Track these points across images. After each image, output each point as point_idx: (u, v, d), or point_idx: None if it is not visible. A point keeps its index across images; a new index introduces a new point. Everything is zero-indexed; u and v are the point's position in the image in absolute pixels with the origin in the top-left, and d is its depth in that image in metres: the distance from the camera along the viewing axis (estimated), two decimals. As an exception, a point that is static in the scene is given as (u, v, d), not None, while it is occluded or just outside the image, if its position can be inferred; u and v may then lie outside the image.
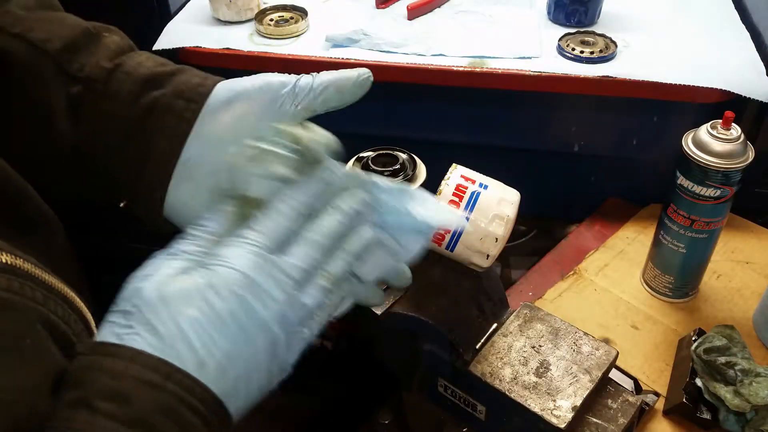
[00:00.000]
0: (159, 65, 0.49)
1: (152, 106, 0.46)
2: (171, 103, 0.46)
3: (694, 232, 0.81)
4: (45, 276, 0.38)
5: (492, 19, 1.09)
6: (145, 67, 0.48)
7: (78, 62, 0.48)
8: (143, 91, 0.47)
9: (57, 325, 0.37)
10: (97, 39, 0.50)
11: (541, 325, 0.63)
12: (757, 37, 1.03)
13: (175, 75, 0.48)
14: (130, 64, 0.48)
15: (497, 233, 0.55)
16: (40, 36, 0.47)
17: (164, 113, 0.46)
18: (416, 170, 0.57)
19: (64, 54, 0.47)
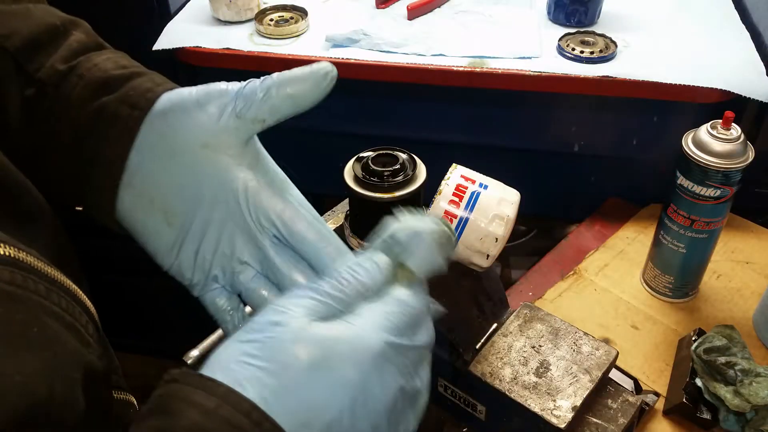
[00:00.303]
0: (117, 68, 0.47)
1: (100, 112, 0.45)
2: (117, 109, 0.44)
3: (694, 232, 0.81)
4: (47, 269, 0.38)
5: (492, 19, 1.09)
6: (100, 70, 0.46)
7: (37, 62, 0.46)
8: (94, 95, 0.45)
9: (62, 317, 0.37)
10: (60, 37, 0.48)
11: (541, 325, 0.63)
12: (757, 37, 1.03)
13: (129, 79, 0.46)
14: (85, 66, 0.47)
15: (497, 233, 0.55)
16: (1, 32, 0.46)
17: (110, 119, 0.44)
18: (416, 170, 0.56)
19: (23, 52, 0.46)
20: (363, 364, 0.33)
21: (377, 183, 0.55)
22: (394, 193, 0.55)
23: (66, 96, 0.45)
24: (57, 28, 0.48)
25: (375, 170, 0.55)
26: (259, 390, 0.32)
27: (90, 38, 0.50)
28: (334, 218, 0.66)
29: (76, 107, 0.45)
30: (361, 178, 0.55)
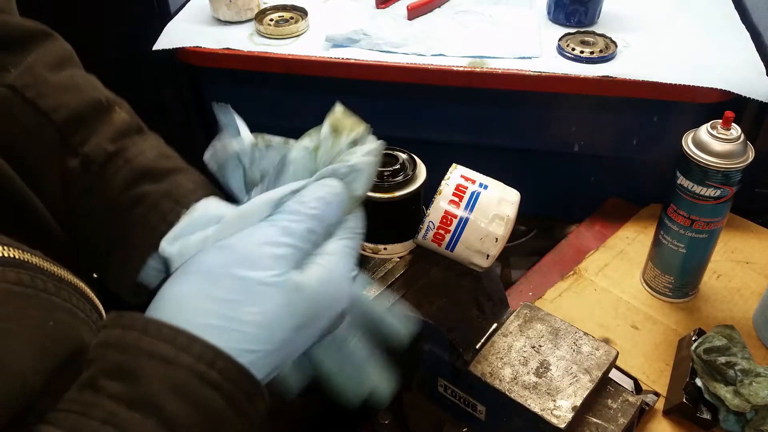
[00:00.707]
0: (161, 157, 0.50)
1: (141, 199, 0.47)
2: (159, 201, 0.47)
3: (694, 232, 0.81)
4: (54, 268, 0.38)
5: (492, 19, 1.09)
6: (145, 158, 0.49)
7: (81, 136, 0.48)
8: (138, 182, 0.48)
9: (75, 313, 0.38)
10: (106, 113, 0.50)
11: (541, 325, 0.63)
12: (757, 37, 1.03)
13: (172, 173, 0.49)
14: (132, 151, 0.49)
15: (497, 233, 0.55)
16: (50, 104, 0.48)
17: (150, 209, 0.47)
18: (416, 170, 0.56)
19: (69, 125, 0.48)
20: (337, 308, 0.38)
21: (377, 183, 0.55)
22: (394, 193, 0.55)
23: (110, 176, 0.48)
24: (102, 105, 0.50)
25: (375, 170, 0.55)
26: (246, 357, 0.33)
27: (133, 119, 0.52)
28: (334, 218, 0.66)
29: (117, 189, 0.47)
30: (361, 178, 0.55)
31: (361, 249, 0.60)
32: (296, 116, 1.12)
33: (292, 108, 1.11)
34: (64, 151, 0.47)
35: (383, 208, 0.56)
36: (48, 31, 0.52)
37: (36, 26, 0.51)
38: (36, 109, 0.47)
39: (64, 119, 0.48)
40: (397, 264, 0.61)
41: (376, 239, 0.59)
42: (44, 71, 0.49)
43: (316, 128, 0.45)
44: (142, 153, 0.49)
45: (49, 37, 0.51)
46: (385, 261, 0.61)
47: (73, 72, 0.52)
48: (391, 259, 0.61)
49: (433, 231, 0.55)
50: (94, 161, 0.48)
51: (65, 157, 0.47)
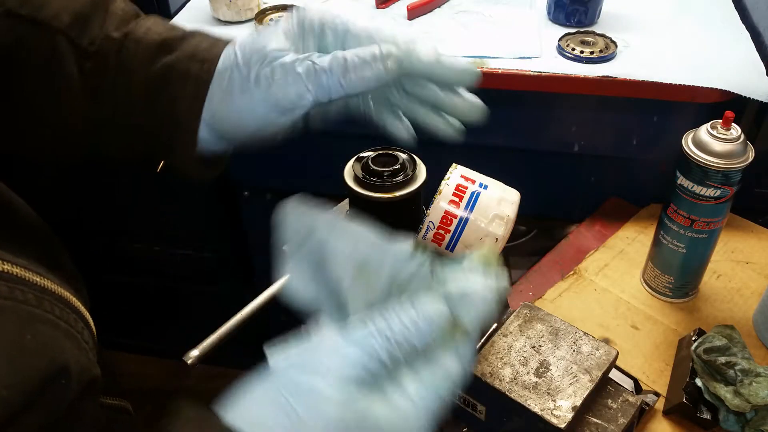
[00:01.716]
0: (168, 30, 0.50)
1: (167, 72, 0.47)
2: (187, 66, 0.47)
3: (694, 232, 0.81)
4: (36, 278, 0.37)
5: (492, 19, 1.09)
6: (155, 33, 0.49)
7: (88, 36, 0.48)
8: (156, 57, 0.47)
9: (57, 324, 0.37)
10: (103, 6, 0.50)
11: (541, 325, 0.63)
12: (757, 37, 1.03)
13: (185, 39, 0.49)
14: (139, 31, 0.49)
15: (497, 233, 0.55)
16: (49, 13, 0.47)
17: (181, 77, 0.47)
18: (416, 170, 0.56)
19: (74, 28, 0.47)
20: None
21: (377, 183, 0.55)
22: (394, 193, 0.55)
23: (128, 62, 0.47)
24: (98, 1, 0.50)
25: (375, 170, 0.55)
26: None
27: (130, 6, 0.52)
28: (334, 218, 0.66)
29: (139, 71, 0.47)
30: (361, 178, 0.55)
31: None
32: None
33: (292, 108, 1.11)
34: (77, 55, 0.47)
35: (383, 208, 0.56)
36: None
37: None
38: (35, 22, 0.47)
39: (67, 24, 0.47)
40: (397, 264, 0.61)
41: (376, 239, 0.59)
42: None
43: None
44: (150, 29, 0.49)
45: None
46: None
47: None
48: (391, 259, 0.61)
49: (433, 231, 0.56)
50: (108, 54, 0.47)
51: (80, 60, 0.47)
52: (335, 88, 0.45)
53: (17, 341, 0.34)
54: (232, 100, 0.46)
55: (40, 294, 0.37)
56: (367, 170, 0.56)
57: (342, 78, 0.45)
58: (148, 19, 0.51)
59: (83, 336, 0.40)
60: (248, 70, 0.45)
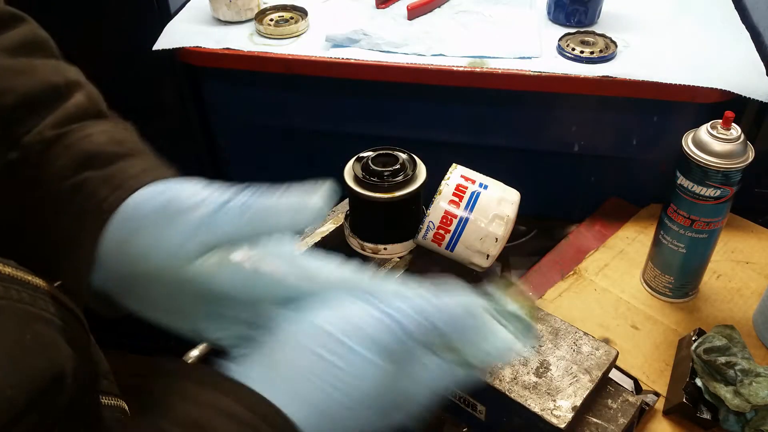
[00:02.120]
0: (110, 143, 0.43)
1: (80, 188, 0.41)
2: (97, 188, 0.41)
3: (694, 232, 0.81)
4: (29, 277, 0.37)
5: (492, 19, 1.09)
6: (90, 143, 0.43)
7: (27, 124, 0.43)
8: (78, 169, 0.42)
9: (53, 321, 0.37)
10: (60, 99, 0.44)
11: (541, 325, 0.63)
12: (757, 37, 1.03)
13: (119, 159, 0.43)
14: (76, 136, 0.43)
15: (497, 233, 0.55)
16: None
17: (88, 197, 0.41)
18: (416, 170, 0.56)
19: (14, 112, 0.42)
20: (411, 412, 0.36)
21: (377, 183, 0.55)
22: (394, 193, 0.55)
23: (48, 165, 0.42)
24: (58, 89, 0.45)
25: (375, 170, 0.55)
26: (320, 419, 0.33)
27: (91, 103, 0.46)
28: (334, 218, 0.66)
29: (57, 179, 0.42)
30: (361, 178, 0.55)
31: (361, 249, 0.60)
32: (296, 116, 1.12)
33: (292, 108, 1.11)
34: (7, 142, 0.42)
35: (383, 208, 0.56)
36: (19, 15, 0.47)
37: (5, 10, 0.47)
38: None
39: (9, 105, 0.42)
40: (397, 264, 0.61)
41: (376, 239, 0.59)
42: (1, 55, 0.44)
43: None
44: (88, 137, 0.43)
45: (19, 22, 0.47)
46: (385, 261, 0.61)
47: (36, 57, 0.47)
48: (391, 259, 0.61)
49: (433, 231, 0.56)
50: (32, 150, 0.42)
51: (8, 149, 0.42)
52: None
53: (19, 340, 0.33)
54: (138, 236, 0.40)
55: (33, 292, 0.37)
56: (367, 170, 0.56)
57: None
58: (98, 125, 0.45)
59: (78, 333, 0.40)
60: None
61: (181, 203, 0.39)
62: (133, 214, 0.40)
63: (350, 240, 0.60)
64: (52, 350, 0.35)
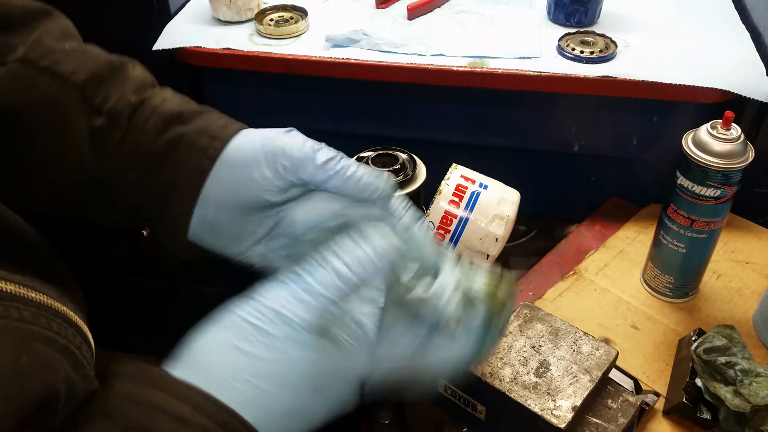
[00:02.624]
0: (184, 103, 0.50)
1: (177, 141, 0.47)
2: (195, 139, 0.47)
3: (694, 232, 0.81)
4: (32, 294, 0.37)
5: (492, 19, 1.09)
6: (171, 103, 0.49)
7: (102, 94, 0.48)
8: (168, 125, 0.48)
9: (55, 340, 0.37)
10: (121, 71, 0.50)
11: (541, 325, 0.63)
12: (757, 37, 1.03)
13: (200, 114, 0.49)
14: (156, 99, 0.49)
15: (497, 233, 0.55)
16: (67, 68, 0.48)
17: (188, 149, 0.47)
18: (416, 170, 0.56)
19: (89, 86, 0.48)
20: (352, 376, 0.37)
21: (377, 183, 0.55)
22: (394, 193, 0.55)
23: (140, 126, 0.47)
24: (115, 64, 0.51)
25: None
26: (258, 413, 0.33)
27: (147, 74, 0.52)
28: (334, 218, 0.66)
29: (149, 137, 0.47)
30: (361, 178, 0.55)
31: None
32: (296, 116, 1.12)
33: (292, 108, 1.11)
34: (89, 111, 0.47)
35: (383, 208, 0.55)
36: (49, 9, 0.52)
37: (38, 5, 0.51)
38: (53, 74, 0.47)
39: (83, 80, 0.48)
40: (397, 264, 0.61)
41: (376, 239, 0.59)
42: (53, 42, 0.49)
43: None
44: (166, 100, 0.49)
45: (51, 14, 0.52)
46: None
47: (78, 42, 0.52)
48: (391, 259, 0.61)
49: (433, 231, 0.55)
50: (121, 114, 0.47)
51: (91, 117, 0.47)
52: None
53: (13, 363, 0.33)
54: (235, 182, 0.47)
55: (36, 310, 0.37)
56: (367, 170, 0.56)
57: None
58: (164, 91, 0.51)
59: (81, 350, 0.39)
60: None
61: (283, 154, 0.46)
62: (238, 156, 0.46)
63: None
64: (47, 371, 0.35)
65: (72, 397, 0.36)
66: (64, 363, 0.37)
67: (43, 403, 0.33)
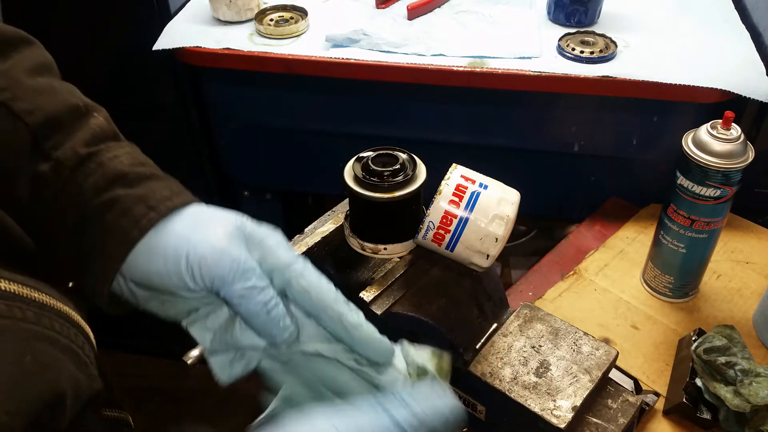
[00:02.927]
0: (136, 164, 0.47)
1: (113, 203, 0.45)
2: (132, 206, 0.44)
3: (694, 232, 0.81)
4: (35, 294, 0.37)
5: (492, 19, 1.09)
6: (119, 162, 0.47)
7: (53, 140, 0.46)
8: (110, 186, 0.45)
9: (57, 340, 0.37)
10: (82, 118, 0.48)
11: (541, 325, 0.63)
12: (757, 37, 1.03)
13: (148, 179, 0.46)
14: (106, 155, 0.47)
15: (497, 233, 0.55)
16: (24, 107, 0.46)
17: (122, 214, 0.44)
18: (416, 170, 0.56)
19: (43, 129, 0.46)
20: None
21: (377, 183, 0.55)
22: (394, 193, 0.55)
23: (80, 180, 0.45)
24: (79, 110, 0.49)
25: (375, 170, 0.55)
26: None
27: (110, 125, 0.50)
28: (334, 218, 0.66)
29: (89, 193, 0.45)
30: (361, 178, 0.55)
31: (361, 249, 0.60)
32: (296, 116, 1.12)
33: (292, 108, 1.11)
34: (36, 155, 0.45)
35: (383, 208, 0.56)
36: (29, 39, 0.50)
37: (16, 33, 0.50)
38: (9, 111, 0.45)
39: (38, 123, 0.46)
40: (397, 264, 0.61)
41: (376, 239, 0.59)
42: (21, 75, 0.47)
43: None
44: (117, 158, 0.47)
45: (30, 45, 0.50)
46: (385, 261, 0.61)
47: (51, 78, 0.50)
48: (391, 259, 0.61)
49: (433, 231, 0.55)
50: (66, 165, 0.45)
51: (37, 161, 0.45)
52: None
53: (18, 362, 0.33)
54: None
55: (39, 310, 0.37)
56: (367, 170, 0.56)
57: None
58: (121, 147, 0.49)
59: (84, 350, 0.40)
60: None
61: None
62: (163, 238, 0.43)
63: (350, 240, 0.60)
64: (52, 371, 0.35)
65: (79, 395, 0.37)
66: (68, 362, 0.37)
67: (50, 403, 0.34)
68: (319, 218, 0.67)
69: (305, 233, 0.65)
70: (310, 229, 0.65)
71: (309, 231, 0.65)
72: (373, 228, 0.59)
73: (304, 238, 0.64)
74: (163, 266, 0.43)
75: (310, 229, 0.65)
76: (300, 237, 0.64)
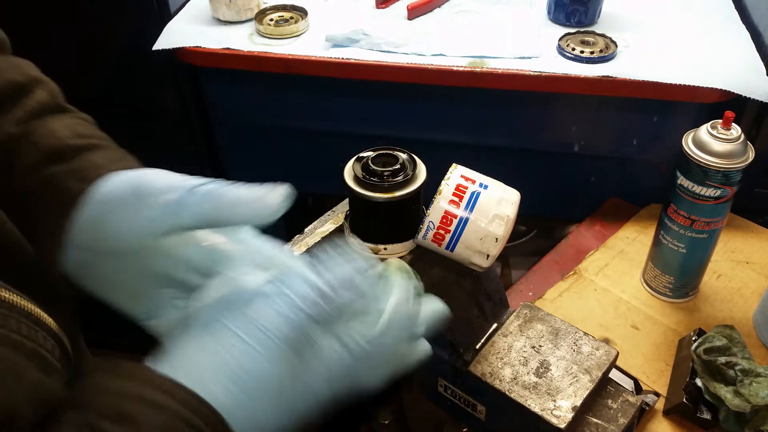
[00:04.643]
0: (74, 136, 0.46)
1: (47, 181, 0.44)
2: (64, 180, 0.43)
3: (694, 232, 0.81)
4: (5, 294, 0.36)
5: (492, 19, 1.09)
6: (55, 138, 0.45)
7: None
8: (45, 163, 0.44)
9: (22, 344, 0.36)
10: (21, 96, 0.46)
11: (541, 325, 0.63)
12: (757, 37, 1.03)
13: (83, 151, 0.45)
14: (41, 131, 0.45)
15: (497, 233, 0.55)
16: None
17: (55, 190, 0.43)
18: (416, 170, 0.56)
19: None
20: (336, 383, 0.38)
21: (377, 183, 0.55)
22: (394, 193, 0.55)
23: (15, 162, 0.44)
24: (19, 87, 0.47)
25: (375, 170, 0.55)
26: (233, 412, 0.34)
27: (52, 98, 0.48)
28: (334, 218, 0.66)
29: (24, 174, 0.44)
30: (361, 178, 0.55)
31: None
32: (296, 116, 1.12)
33: (292, 108, 1.11)
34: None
35: (383, 208, 0.56)
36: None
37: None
38: None
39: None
40: (397, 264, 0.61)
41: (376, 239, 0.59)
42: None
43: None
44: (53, 133, 0.45)
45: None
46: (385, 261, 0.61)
47: (4, 53, 0.48)
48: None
49: (433, 231, 0.55)
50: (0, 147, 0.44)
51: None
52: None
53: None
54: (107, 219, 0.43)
55: (7, 312, 0.36)
56: (367, 170, 0.56)
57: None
58: (60, 120, 0.47)
59: (54, 354, 0.38)
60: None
61: (150, 187, 0.42)
62: (102, 199, 0.42)
63: (350, 240, 0.60)
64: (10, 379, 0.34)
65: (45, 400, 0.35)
66: (31, 368, 0.35)
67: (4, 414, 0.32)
68: (319, 218, 0.67)
69: (305, 233, 0.65)
70: (310, 229, 0.65)
71: (309, 231, 0.65)
72: (373, 228, 0.59)
73: (304, 238, 0.64)
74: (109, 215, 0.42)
75: (310, 229, 0.65)
76: (300, 237, 0.64)
